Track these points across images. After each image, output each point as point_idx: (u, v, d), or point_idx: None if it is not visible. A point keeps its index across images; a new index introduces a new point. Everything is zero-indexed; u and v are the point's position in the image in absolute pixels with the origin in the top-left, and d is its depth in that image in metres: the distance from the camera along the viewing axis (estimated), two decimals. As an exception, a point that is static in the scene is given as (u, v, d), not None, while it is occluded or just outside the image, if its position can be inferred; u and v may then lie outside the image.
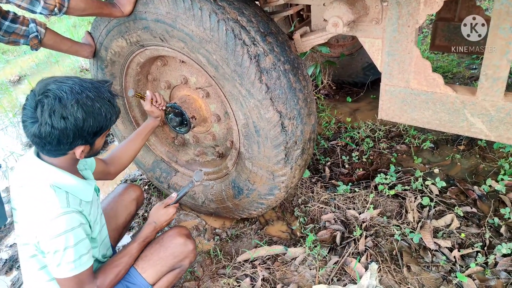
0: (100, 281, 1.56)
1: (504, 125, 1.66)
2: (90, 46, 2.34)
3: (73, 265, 1.44)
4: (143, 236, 1.73)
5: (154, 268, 1.74)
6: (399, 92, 1.84)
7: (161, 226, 1.78)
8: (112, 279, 1.59)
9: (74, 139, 1.39)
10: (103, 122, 1.44)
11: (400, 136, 3.22)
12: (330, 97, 4.01)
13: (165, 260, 1.76)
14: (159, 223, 1.76)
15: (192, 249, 1.83)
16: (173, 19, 1.87)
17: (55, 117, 1.32)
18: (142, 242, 1.73)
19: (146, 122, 2.13)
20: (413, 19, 1.64)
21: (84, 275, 1.49)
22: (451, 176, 2.72)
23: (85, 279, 1.50)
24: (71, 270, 1.45)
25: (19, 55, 6.80)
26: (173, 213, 1.79)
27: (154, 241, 1.82)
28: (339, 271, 2.13)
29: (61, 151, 1.44)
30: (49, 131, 1.34)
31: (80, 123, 1.37)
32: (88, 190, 1.59)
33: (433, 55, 4.37)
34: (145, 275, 1.72)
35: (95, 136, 1.46)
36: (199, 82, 2.28)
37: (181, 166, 2.69)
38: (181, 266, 1.83)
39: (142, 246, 1.74)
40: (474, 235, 2.23)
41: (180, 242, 1.80)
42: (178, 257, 1.79)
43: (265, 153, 2.01)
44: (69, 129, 1.35)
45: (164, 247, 1.78)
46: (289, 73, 1.91)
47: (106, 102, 1.43)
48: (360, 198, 2.58)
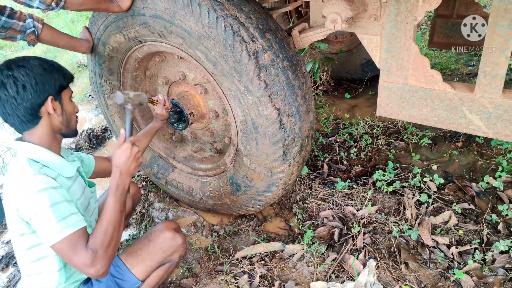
0: (92, 244, 1.44)
1: (502, 122, 1.66)
2: (88, 41, 2.32)
3: (58, 227, 1.39)
4: (113, 186, 1.55)
5: (143, 263, 1.73)
6: (398, 89, 1.84)
7: (127, 166, 1.56)
8: (102, 239, 1.45)
9: (37, 92, 1.48)
10: (58, 75, 1.55)
11: (398, 132, 3.22)
12: (329, 94, 4.00)
13: (153, 255, 1.75)
14: (121, 165, 1.55)
15: (181, 243, 1.81)
16: (171, 15, 1.86)
17: (14, 71, 1.47)
18: (116, 192, 1.54)
19: (153, 124, 2.16)
20: (411, 16, 1.64)
21: (75, 237, 1.42)
22: (449, 173, 2.72)
23: (78, 242, 1.42)
24: (58, 233, 1.40)
25: (16, 50, 6.76)
26: (128, 147, 1.56)
27: (142, 237, 1.82)
28: (337, 268, 2.13)
29: (33, 115, 1.50)
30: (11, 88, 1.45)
31: (37, 70, 1.49)
32: (67, 167, 1.60)
33: (431, 52, 4.37)
34: (134, 271, 1.72)
35: (59, 91, 1.56)
36: (197, 78, 2.27)
37: (179, 162, 2.69)
38: (170, 260, 1.82)
39: (120, 196, 1.55)
40: (472, 232, 2.24)
41: (168, 236, 1.78)
42: (167, 252, 1.78)
43: (263, 150, 2.01)
44: (28, 81, 1.46)
45: (153, 242, 1.77)
46: (288, 70, 1.91)
47: (52, 63, 1.58)
48: (358, 195, 2.58)
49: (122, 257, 1.75)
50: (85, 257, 1.41)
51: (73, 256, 1.41)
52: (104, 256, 1.43)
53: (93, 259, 1.41)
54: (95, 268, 1.41)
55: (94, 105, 4.59)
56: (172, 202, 2.88)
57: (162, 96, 2.08)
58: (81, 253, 1.41)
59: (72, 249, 1.41)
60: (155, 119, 2.17)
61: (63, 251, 1.42)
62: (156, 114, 2.13)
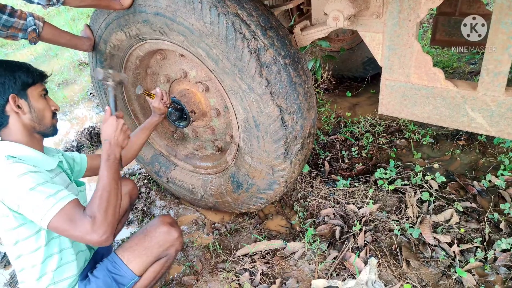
0: (89, 211, 1.43)
1: (505, 120, 1.65)
2: (89, 39, 2.32)
3: (48, 204, 1.39)
4: (104, 156, 1.60)
5: (140, 258, 1.73)
6: (400, 87, 1.84)
7: (115, 138, 1.63)
8: (99, 203, 1.45)
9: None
10: (20, 73, 1.55)
11: (400, 131, 3.21)
12: (330, 92, 4.00)
13: (150, 250, 1.75)
14: (109, 137, 1.63)
15: (177, 237, 1.80)
16: (173, 13, 1.86)
17: None
18: (107, 161, 1.58)
19: (151, 118, 2.16)
20: (414, 13, 1.63)
21: (69, 209, 1.41)
22: (450, 171, 2.71)
23: (73, 213, 1.41)
24: (50, 209, 1.38)
25: (17, 48, 6.76)
26: (114, 120, 1.65)
27: (138, 232, 1.82)
28: (338, 266, 2.13)
29: (0, 115, 1.52)
30: None
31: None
32: (47, 160, 1.61)
33: (433, 50, 4.36)
34: (131, 266, 1.71)
35: (23, 88, 1.55)
36: (198, 76, 2.27)
37: (180, 160, 2.69)
38: (167, 255, 1.81)
39: (112, 164, 1.58)
40: (473, 230, 2.23)
41: (164, 231, 1.77)
42: (163, 246, 1.77)
43: (265, 147, 2.00)
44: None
45: (149, 236, 1.77)
46: (290, 67, 1.90)
47: (14, 63, 1.60)
48: (360, 193, 2.58)
49: (119, 252, 1.74)
50: (84, 224, 1.40)
51: (73, 227, 1.40)
52: (104, 220, 1.42)
53: (93, 224, 1.40)
54: (96, 233, 1.40)
55: (96, 103, 4.59)
56: (174, 199, 2.89)
57: (159, 90, 2.08)
58: (79, 222, 1.40)
59: (69, 221, 1.40)
60: (153, 113, 2.16)
61: (61, 227, 1.40)
62: (154, 108, 2.12)
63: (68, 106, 4.66)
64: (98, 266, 1.73)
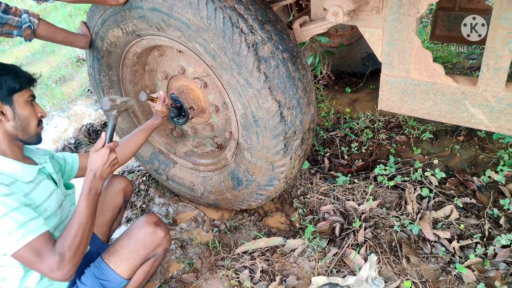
0: (59, 248, 1.41)
1: (505, 116, 1.64)
2: (86, 36, 2.30)
3: (18, 234, 1.34)
4: (86, 189, 1.52)
5: (127, 262, 1.70)
6: (399, 83, 1.82)
7: (102, 171, 1.54)
8: (71, 242, 1.42)
9: None
10: (6, 78, 1.49)
11: (400, 127, 3.20)
12: (329, 88, 3.98)
13: (136, 252, 1.71)
14: (96, 169, 1.54)
15: (164, 236, 1.76)
16: (169, 8, 1.84)
17: None
18: (88, 195, 1.52)
19: (152, 120, 2.13)
20: (414, 8, 1.61)
21: (38, 243, 1.37)
22: (450, 167, 2.71)
23: (42, 247, 1.38)
24: (18, 240, 1.34)
25: (14, 45, 6.72)
26: (106, 153, 1.54)
27: (123, 234, 1.77)
28: (338, 263, 2.13)
29: None
30: None
31: None
32: (25, 171, 1.55)
33: (433, 45, 4.34)
34: (118, 271, 1.69)
35: (8, 94, 1.50)
36: (196, 72, 2.25)
37: (180, 158, 2.67)
38: (155, 255, 1.78)
39: (92, 199, 1.53)
40: (473, 226, 2.23)
41: (148, 232, 1.73)
42: (150, 247, 1.73)
43: (264, 143, 1.99)
44: None
45: (133, 239, 1.72)
46: (288, 61, 1.88)
47: (5, 66, 1.54)
48: (360, 189, 2.57)
49: (105, 257, 1.71)
50: (51, 262, 1.37)
51: (39, 261, 1.37)
52: (71, 259, 1.41)
53: (60, 263, 1.38)
54: (61, 272, 1.38)
55: (93, 100, 4.57)
56: (173, 197, 2.87)
57: (163, 93, 2.05)
58: (46, 258, 1.38)
59: (36, 255, 1.37)
60: (154, 116, 2.13)
61: (26, 258, 1.37)
62: (156, 111, 2.09)
63: (66, 103, 4.64)
64: (85, 272, 1.71)
